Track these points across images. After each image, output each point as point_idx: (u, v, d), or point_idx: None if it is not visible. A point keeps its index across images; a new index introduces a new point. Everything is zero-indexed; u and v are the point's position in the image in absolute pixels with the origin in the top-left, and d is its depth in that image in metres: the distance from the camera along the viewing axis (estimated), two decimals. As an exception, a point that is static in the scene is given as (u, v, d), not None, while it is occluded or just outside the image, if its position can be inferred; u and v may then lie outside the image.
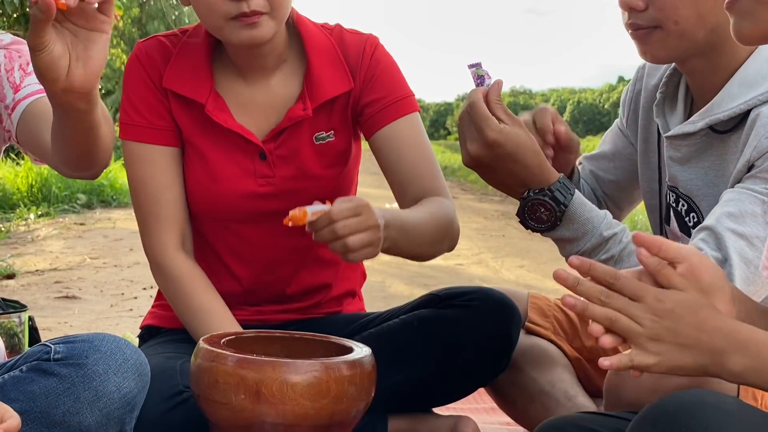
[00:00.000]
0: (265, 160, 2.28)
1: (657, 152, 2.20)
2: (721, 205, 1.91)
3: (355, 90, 2.28)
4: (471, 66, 2.01)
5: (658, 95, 2.16)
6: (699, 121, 2.02)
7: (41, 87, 2.03)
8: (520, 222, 2.03)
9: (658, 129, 2.17)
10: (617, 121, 2.39)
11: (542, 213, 1.96)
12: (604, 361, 1.36)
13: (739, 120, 1.98)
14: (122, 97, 2.31)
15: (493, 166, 1.95)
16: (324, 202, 1.93)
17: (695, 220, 2.07)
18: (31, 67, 2.03)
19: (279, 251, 2.35)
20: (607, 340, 1.37)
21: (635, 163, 2.31)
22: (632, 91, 2.30)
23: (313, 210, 1.92)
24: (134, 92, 2.28)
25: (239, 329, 2.20)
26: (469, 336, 2.20)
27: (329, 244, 1.93)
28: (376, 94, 2.28)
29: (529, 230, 2.03)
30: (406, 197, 2.25)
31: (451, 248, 2.26)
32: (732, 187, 1.94)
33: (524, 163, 1.93)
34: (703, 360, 1.34)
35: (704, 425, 1.25)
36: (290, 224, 1.92)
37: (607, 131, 2.41)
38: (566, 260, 1.91)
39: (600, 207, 2.32)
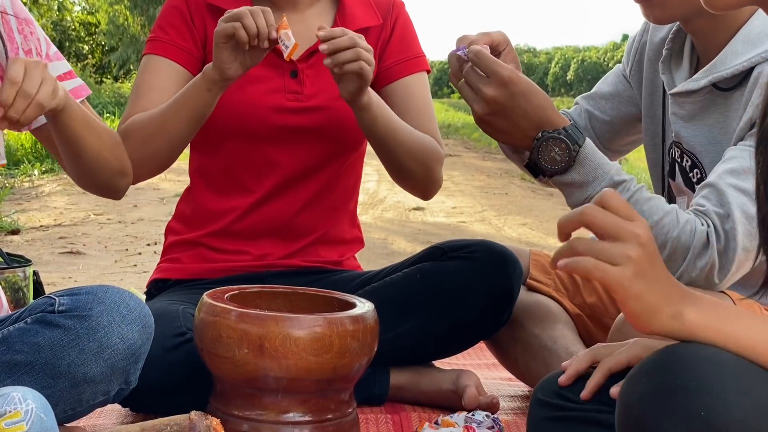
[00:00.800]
0: (295, 78, 2.37)
1: (662, 107, 2.20)
2: (724, 162, 1.92)
3: (384, 33, 2.45)
4: (456, 51, 2.00)
5: (664, 52, 2.16)
6: (702, 78, 2.03)
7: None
8: (528, 170, 2.02)
9: (664, 85, 2.17)
10: (619, 65, 2.39)
11: (556, 153, 1.94)
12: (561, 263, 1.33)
13: (742, 78, 1.98)
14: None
15: (508, 107, 1.93)
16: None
17: (699, 176, 2.08)
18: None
19: (296, 174, 2.39)
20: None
21: (632, 107, 2.32)
22: (639, 42, 2.30)
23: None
24: (166, 14, 2.41)
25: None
26: (471, 288, 2.21)
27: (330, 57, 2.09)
28: (397, 48, 2.45)
29: (539, 178, 2.02)
30: None
31: (426, 187, 2.39)
32: (735, 144, 1.95)
33: (538, 102, 1.93)
34: (669, 308, 1.33)
35: (699, 377, 1.26)
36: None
37: (608, 73, 2.41)
38: (572, 209, 1.92)
39: None
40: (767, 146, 1.38)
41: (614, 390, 1.40)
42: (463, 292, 2.22)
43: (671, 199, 2.19)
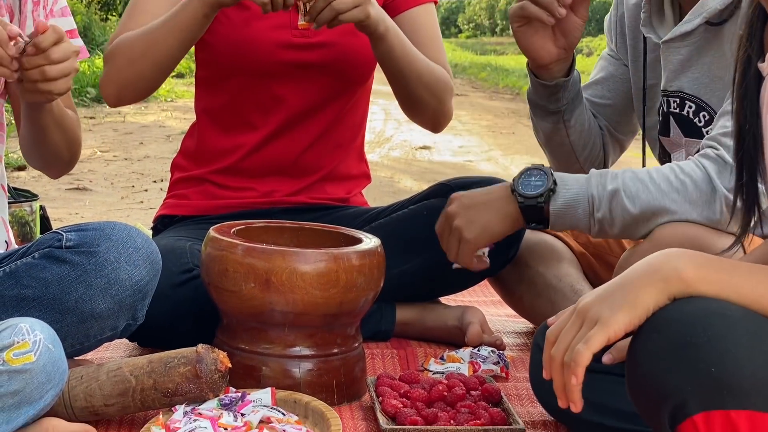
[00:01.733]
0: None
1: (643, 70, 2.22)
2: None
3: None
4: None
5: (642, 14, 2.17)
6: (695, 18, 2.04)
7: None
8: (528, 223, 2.05)
9: (645, 46, 2.19)
10: (605, 50, 2.43)
11: (536, 179, 2.00)
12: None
13: (734, 7, 1.99)
14: None
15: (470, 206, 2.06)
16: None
17: (707, 118, 2.08)
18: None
19: (302, 111, 2.38)
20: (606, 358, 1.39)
21: (628, 84, 2.34)
22: (615, 16, 2.35)
23: None
24: None
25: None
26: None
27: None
28: None
29: (542, 219, 2.04)
30: None
31: (437, 119, 2.40)
32: None
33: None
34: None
35: (709, 333, 1.26)
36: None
37: (597, 60, 2.44)
38: (593, 237, 2.01)
39: (603, 138, 2.38)
40: (745, 87, 1.38)
41: (606, 358, 1.40)
42: None
43: (666, 159, 2.20)
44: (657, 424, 1.30)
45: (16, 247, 1.97)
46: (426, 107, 2.36)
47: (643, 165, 2.29)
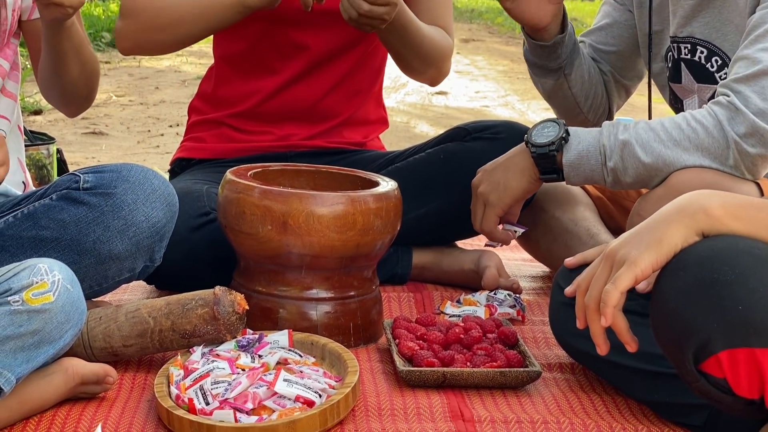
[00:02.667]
0: None
1: (649, 15, 2.20)
2: (748, 33, 1.91)
3: None
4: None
5: None
6: None
7: None
8: (544, 176, 2.06)
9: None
10: None
11: (550, 130, 2.01)
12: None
13: None
14: None
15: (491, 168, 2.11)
16: None
17: (719, 63, 2.06)
18: None
19: (321, 57, 2.37)
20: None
21: (633, 29, 2.31)
22: None
23: None
24: None
25: None
26: None
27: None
28: None
29: (557, 171, 2.04)
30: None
31: (434, 79, 2.42)
32: (751, 14, 1.94)
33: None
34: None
35: (736, 270, 1.25)
36: None
37: (601, 6, 2.41)
38: (608, 186, 2.00)
39: (607, 84, 2.37)
40: None
41: (642, 286, 1.41)
42: None
43: (678, 105, 2.18)
44: (680, 362, 1.30)
45: (34, 189, 1.97)
46: (422, 73, 2.40)
47: (649, 109, 2.29)
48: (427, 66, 2.36)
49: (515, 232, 2.13)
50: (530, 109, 7.02)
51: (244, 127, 2.41)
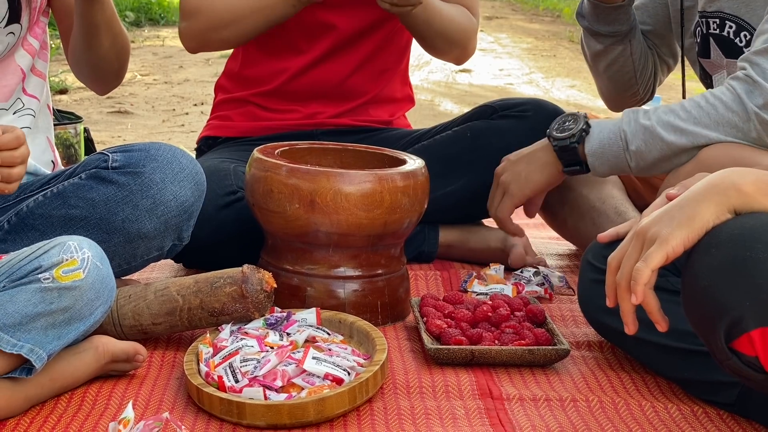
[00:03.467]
0: None
1: (681, 16, 2.19)
2: None
3: None
4: None
5: None
6: None
7: None
8: (567, 168, 2.08)
9: None
10: None
11: (570, 122, 2.04)
12: None
13: None
14: None
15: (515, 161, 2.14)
16: None
17: (747, 37, 2.05)
18: None
19: (348, 36, 2.37)
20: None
21: (668, 7, 2.29)
22: None
23: None
24: None
25: None
26: (522, 146, 2.20)
27: None
28: None
29: (580, 163, 2.06)
30: None
31: (459, 58, 2.43)
32: None
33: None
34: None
35: None
36: None
37: None
38: (634, 174, 2.03)
39: (654, 57, 2.37)
40: None
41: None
42: (514, 150, 2.21)
43: (708, 80, 2.17)
44: (712, 339, 1.29)
45: (63, 168, 1.98)
46: (447, 53, 2.40)
47: (683, 87, 2.28)
48: (451, 46, 2.36)
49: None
50: (555, 86, 6.99)
51: (270, 106, 2.41)
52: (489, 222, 2.45)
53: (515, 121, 2.26)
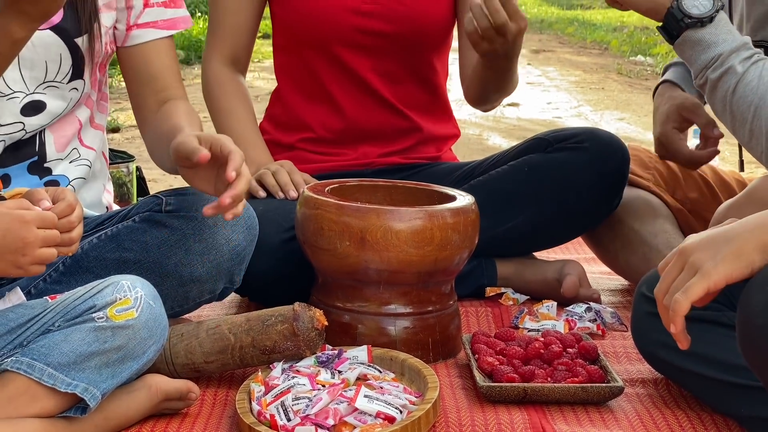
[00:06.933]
0: None
1: (729, 15, 2.15)
2: None
3: None
4: None
5: None
6: None
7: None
8: (662, 25, 1.94)
9: None
10: None
11: (700, 3, 1.90)
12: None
13: None
14: None
15: None
16: None
17: None
18: None
19: (381, 82, 2.37)
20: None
21: None
22: None
23: None
24: None
25: (255, 130, 2.37)
26: (582, 177, 2.20)
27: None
28: None
29: (672, 33, 1.93)
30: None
31: (494, 108, 2.45)
32: None
33: None
34: None
35: None
36: None
37: None
38: (694, 84, 1.90)
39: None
40: None
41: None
42: (574, 182, 2.21)
43: None
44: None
45: (117, 209, 2.00)
46: (492, 104, 2.41)
47: None
48: (501, 96, 2.37)
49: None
50: (603, 119, 6.96)
51: (319, 150, 2.42)
52: (541, 255, 2.44)
53: (572, 153, 2.24)
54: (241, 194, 1.68)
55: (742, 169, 2.58)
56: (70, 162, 1.94)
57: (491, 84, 2.29)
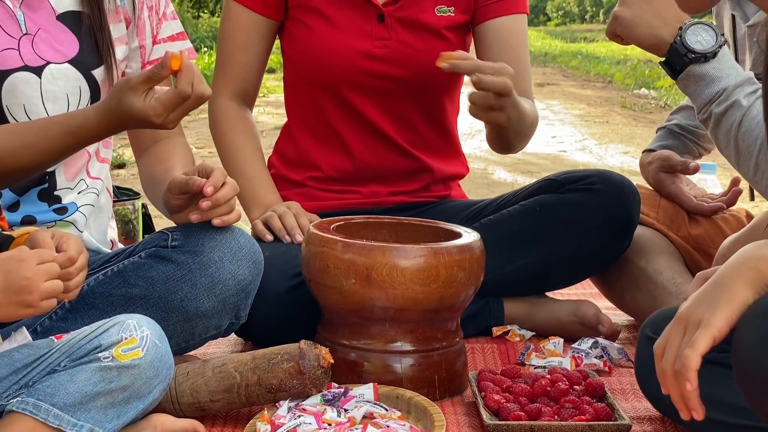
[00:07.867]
0: (383, 23, 2.33)
1: (734, 46, 2.16)
2: None
3: None
4: None
5: None
6: None
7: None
8: (665, 60, 1.95)
9: (734, 24, 2.13)
10: None
11: (703, 38, 1.90)
12: None
13: None
14: None
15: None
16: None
17: None
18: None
19: (391, 125, 2.38)
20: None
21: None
22: None
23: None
24: None
25: (263, 169, 2.37)
26: (593, 219, 2.20)
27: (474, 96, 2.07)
28: None
29: (675, 68, 1.94)
30: None
31: (517, 150, 2.42)
32: None
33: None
34: None
35: None
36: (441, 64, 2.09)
37: None
38: (697, 118, 1.90)
39: None
40: None
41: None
42: (585, 224, 2.22)
43: None
44: (768, 411, 1.27)
45: (122, 246, 2.01)
46: (517, 148, 2.39)
47: None
48: (524, 141, 2.36)
49: None
50: (608, 153, 6.97)
51: (327, 188, 2.42)
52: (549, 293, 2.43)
53: (584, 194, 2.25)
54: (226, 198, 1.79)
55: (752, 198, 2.59)
56: (79, 193, 1.96)
57: (509, 134, 2.28)
